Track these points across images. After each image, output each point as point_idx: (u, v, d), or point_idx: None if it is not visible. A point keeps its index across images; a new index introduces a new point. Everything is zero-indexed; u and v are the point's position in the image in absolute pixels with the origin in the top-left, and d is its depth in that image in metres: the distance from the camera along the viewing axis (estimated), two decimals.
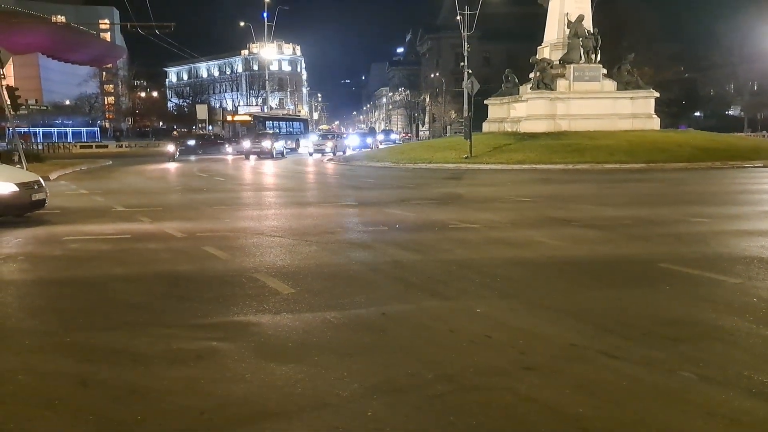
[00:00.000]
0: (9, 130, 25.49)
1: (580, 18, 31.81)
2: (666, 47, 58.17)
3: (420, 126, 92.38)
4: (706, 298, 6.08)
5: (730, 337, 5.01)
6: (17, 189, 11.11)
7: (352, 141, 56.94)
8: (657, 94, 33.02)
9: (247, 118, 52.56)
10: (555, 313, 5.65)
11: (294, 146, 44.72)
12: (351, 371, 4.37)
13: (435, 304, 6.01)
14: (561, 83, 31.83)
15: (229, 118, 51.03)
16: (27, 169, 17.02)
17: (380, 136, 65.84)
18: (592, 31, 32.36)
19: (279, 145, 40.61)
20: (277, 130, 52.21)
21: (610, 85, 32.47)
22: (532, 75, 33.03)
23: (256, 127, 46.54)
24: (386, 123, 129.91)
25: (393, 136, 72.05)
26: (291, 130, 57.47)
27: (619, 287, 6.65)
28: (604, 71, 32.70)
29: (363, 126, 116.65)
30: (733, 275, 6.93)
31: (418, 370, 4.36)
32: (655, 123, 32.66)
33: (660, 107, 34.34)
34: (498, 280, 6.89)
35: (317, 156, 41.13)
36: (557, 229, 10.22)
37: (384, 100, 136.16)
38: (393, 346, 4.86)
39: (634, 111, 32.29)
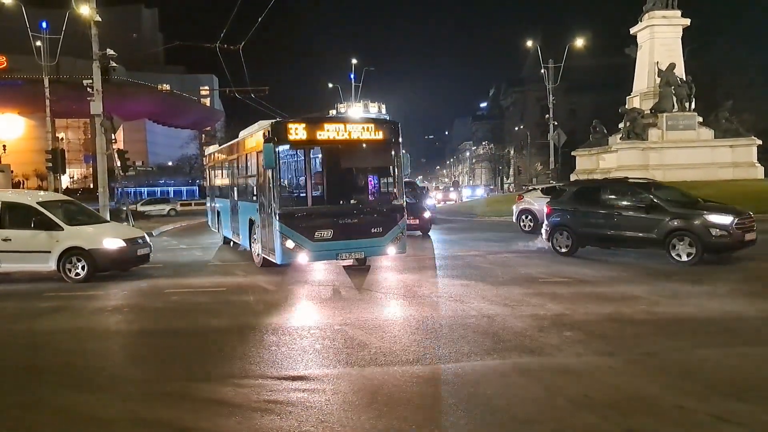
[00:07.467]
0: (118, 190, 27.47)
1: (672, 66, 30.89)
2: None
3: (505, 179, 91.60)
4: None
5: None
6: (124, 244, 11.90)
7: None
8: (759, 142, 31.15)
9: None
10: (658, 373, 5.32)
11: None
12: (441, 428, 4.27)
13: (528, 360, 5.82)
14: (653, 133, 30.75)
15: None
16: (133, 226, 18.21)
17: (467, 191, 65.50)
18: (684, 79, 31.28)
19: None
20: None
21: (707, 133, 31.02)
22: (621, 125, 32.14)
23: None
24: (470, 176, 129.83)
25: (479, 191, 71.41)
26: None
27: (730, 346, 6.17)
28: (700, 119, 31.33)
29: (447, 180, 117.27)
30: None
31: (513, 430, 4.20)
32: (759, 172, 30.73)
33: (764, 155, 32.33)
34: (594, 336, 6.59)
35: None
36: (656, 284, 9.70)
37: (467, 153, 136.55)
38: (485, 404, 4.72)
39: (734, 159, 30.58)
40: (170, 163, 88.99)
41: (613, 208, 12.80)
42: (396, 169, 11.82)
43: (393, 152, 11.66)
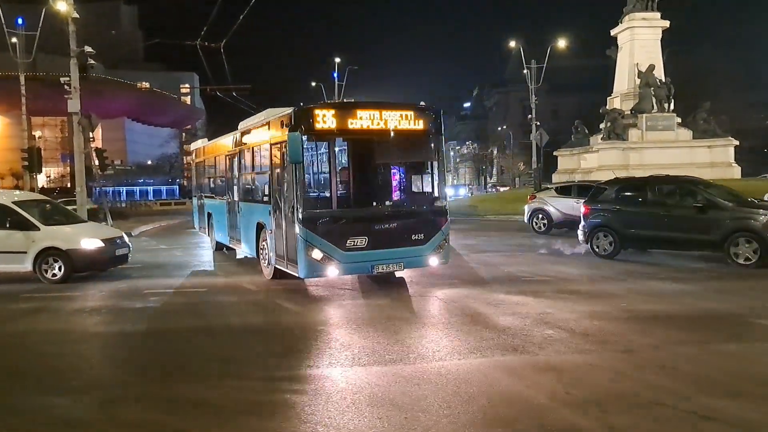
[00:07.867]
0: (96, 189, 27.09)
1: (651, 68, 31.31)
2: (745, 95, 56.16)
3: (488, 178, 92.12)
4: None
5: None
6: (102, 245, 11.70)
7: None
8: (736, 142, 31.72)
9: None
10: (637, 370, 5.37)
11: None
12: (423, 427, 4.25)
13: (510, 358, 5.83)
14: (633, 133, 31.16)
15: None
16: (112, 226, 17.95)
17: (450, 190, 65.88)
18: (664, 81, 31.73)
19: None
20: None
21: (686, 134, 31.51)
22: (602, 125, 32.53)
23: None
24: (454, 176, 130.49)
25: (462, 190, 71.91)
26: None
27: (707, 343, 6.25)
28: (679, 120, 31.82)
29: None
30: None
31: (496, 428, 4.19)
32: (736, 172, 31.28)
33: (741, 155, 32.89)
34: (574, 334, 6.63)
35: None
36: (636, 283, 9.80)
37: (451, 153, 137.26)
38: (467, 404, 4.71)
39: (712, 160, 31.10)
40: (150, 162, 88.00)
41: (662, 207, 12.00)
42: (438, 165, 10.09)
43: (434, 145, 9.85)
